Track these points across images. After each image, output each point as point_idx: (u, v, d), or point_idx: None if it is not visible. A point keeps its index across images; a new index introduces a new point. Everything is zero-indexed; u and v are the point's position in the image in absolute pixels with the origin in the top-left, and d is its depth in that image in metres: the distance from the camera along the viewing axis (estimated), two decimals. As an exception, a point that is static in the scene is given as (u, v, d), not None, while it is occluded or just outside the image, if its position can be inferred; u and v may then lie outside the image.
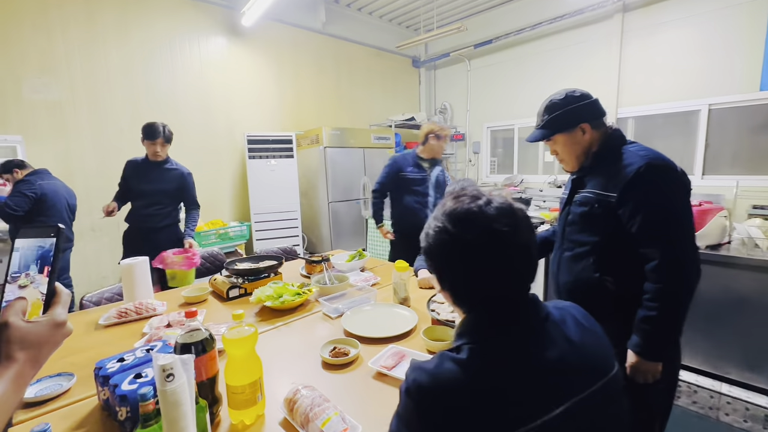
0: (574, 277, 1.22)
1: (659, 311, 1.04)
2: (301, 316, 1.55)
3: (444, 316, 1.26)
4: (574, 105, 1.22)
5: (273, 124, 4.59)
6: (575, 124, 1.22)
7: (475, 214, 0.62)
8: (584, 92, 1.25)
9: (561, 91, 1.28)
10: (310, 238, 4.78)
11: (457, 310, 0.70)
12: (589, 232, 1.19)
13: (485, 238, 0.61)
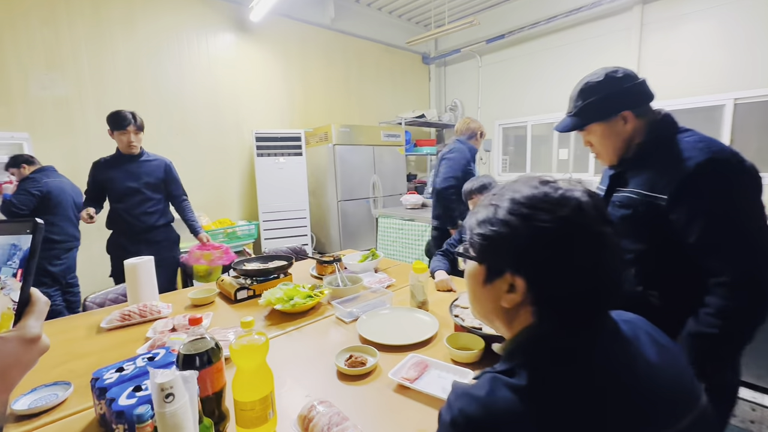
0: None
1: (723, 330, 0.87)
2: (313, 320, 1.46)
3: (469, 323, 1.15)
4: (615, 88, 1.02)
5: (281, 121, 4.52)
6: (615, 111, 1.03)
7: (555, 199, 0.52)
8: (628, 72, 1.04)
9: (599, 70, 1.06)
10: (318, 237, 4.70)
11: (511, 325, 0.58)
12: (631, 239, 1.02)
13: (570, 227, 0.50)
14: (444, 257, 2.00)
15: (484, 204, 0.59)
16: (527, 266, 0.52)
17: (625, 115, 1.04)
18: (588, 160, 4.94)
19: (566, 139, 5.14)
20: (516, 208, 0.53)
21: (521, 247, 0.52)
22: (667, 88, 4.15)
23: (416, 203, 3.78)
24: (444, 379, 1.02)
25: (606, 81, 1.03)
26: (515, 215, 0.52)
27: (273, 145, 3.98)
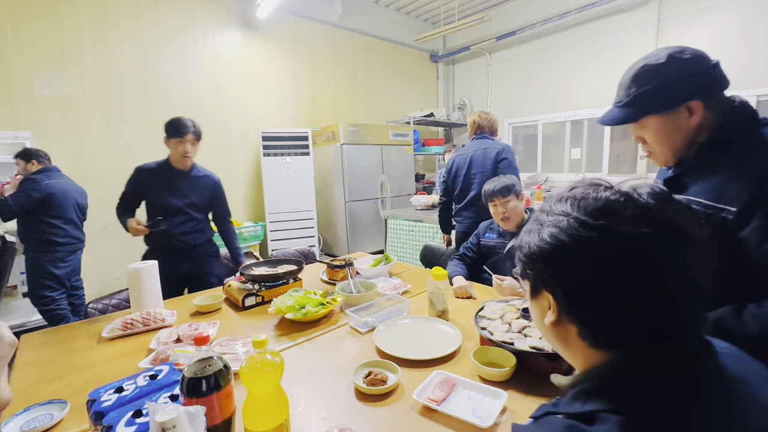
0: None
1: None
2: (326, 330, 1.37)
3: (499, 336, 1.06)
4: (681, 72, 0.82)
5: (288, 120, 4.45)
6: (679, 101, 0.83)
7: (630, 202, 0.43)
8: (697, 52, 0.84)
9: (660, 50, 0.86)
10: (325, 238, 4.62)
11: (570, 349, 0.49)
12: None
13: (653, 237, 0.41)
14: (461, 262, 1.91)
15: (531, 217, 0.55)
16: (552, 283, 0.48)
17: (691, 105, 0.84)
18: (602, 159, 4.81)
19: (579, 138, 5.02)
20: (541, 216, 0.50)
21: (547, 261, 0.47)
22: (685, 85, 4.01)
23: (426, 204, 3.68)
24: (474, 401, 0.92)
25: (669, 63, 0.83)
26: (538, 224, 0.49)
27: (280, 145, 3.91)
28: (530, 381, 0.99)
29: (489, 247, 1.84)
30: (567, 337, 0.49)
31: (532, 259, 0.49)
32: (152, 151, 2.52)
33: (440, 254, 2.50)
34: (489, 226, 1.90)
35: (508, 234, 1.78)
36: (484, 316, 1.19)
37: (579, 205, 0.46)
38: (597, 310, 0.44)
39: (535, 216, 0.52)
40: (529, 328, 1.07)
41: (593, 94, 4.72)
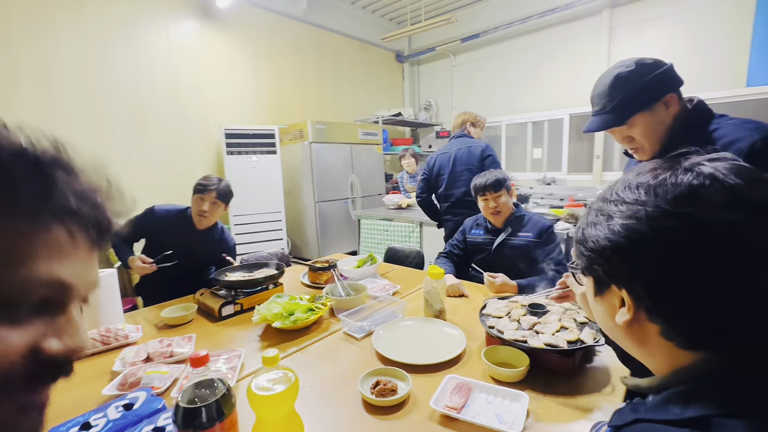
0: None
1: None
2: (318, 337, 1.26)
3: (510, 335, 1.01)
4: (652, 73, 0.96)
5: (252, 117, 4.21)
6: (658, 96, 0.96)
7: (716, 185, 0.39)
8: (655, 58, 0.99)
9: (625, 61, 1.00)
10: (294, 241, 4.43)
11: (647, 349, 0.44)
12: None
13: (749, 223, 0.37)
14: (448, 260, 1.87)
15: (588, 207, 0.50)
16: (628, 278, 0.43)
17: (667, 99, 0.97)
18: (561, 159, 5.04)
19: (540, 138, 5.23)
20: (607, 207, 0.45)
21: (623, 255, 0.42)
22: (635, 89, 4.30)
23: (399, 203, 3.64)
24: (494, 405, 0.87)
25: (638, 68, 0.97)
26: (605, 215, 0.44)
27: (244, 143, 3.67)
28: (545, 380, 0.96)
29: (476, 244, 1.82)
30: (644, 337, 0.44)
31: (602, 253, 0.44)
32: (97, 146, 2.25)
33: (405, 256, 2.44)
34: (475, 222, 1.88)
35: (496, 230, 1.76)
36: (489, 314, 1.14)
37: (656, 192, 0.41)
38: (688, 309, 0.39)
39: (596, 207, 0.47)
40: (540, 324, 1.04)
41: (552, 96, 4.94)
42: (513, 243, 1.69)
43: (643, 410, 0.42)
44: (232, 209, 3.66)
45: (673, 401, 0.39)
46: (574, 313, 1.09)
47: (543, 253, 1.63)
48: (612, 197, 0.45)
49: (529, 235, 1.67)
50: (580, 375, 0.98)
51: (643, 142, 1.00)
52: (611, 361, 1.05)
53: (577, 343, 0.96)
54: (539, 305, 1.14)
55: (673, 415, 0.38)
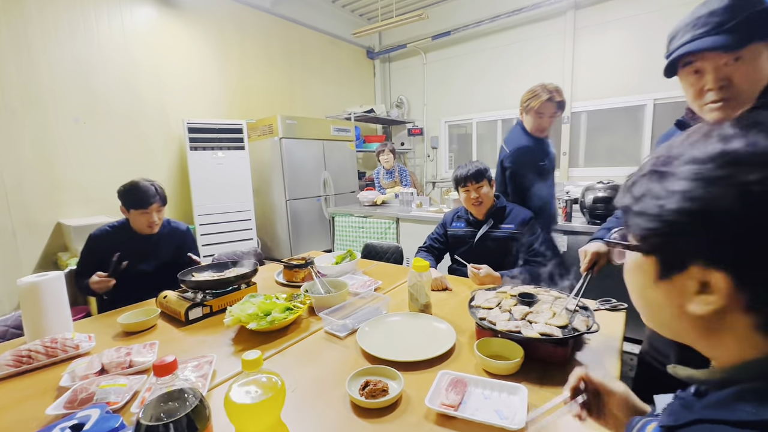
0: None
1: None
2: (298, 338, 1.17)
3: (503, 326, 0.97)
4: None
5: (217, 111, 3.99)
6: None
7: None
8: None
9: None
10: (264, 241, 4.25)
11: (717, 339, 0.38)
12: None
13: None
14: (428, 253, 1.83)
15: (641, 172, 0.41)
16: (729, 254, 0.34)
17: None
18: (530, 155, 5.17)
19: (510, 136, 5.34)
20: (702, 169, 0.35)
21: (715, 227, 0.34)
22: (597, 89, 4.49)
23: (373, 200, 3.57)
24: (491, 400, 0.82)
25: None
26: (702, 180, 0.34)
27: (209, 138, 3.47)
28: (540, 371, 0.93)
29: (458, 237, 1.79)
30: (720, 327, 0.37)
31: (676, 225, 0.36)
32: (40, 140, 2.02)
33: (383, 252, 2.39)
34: (456, 215, 1.85)
35: (478, 222, 1.74)
36: (479, 305, 1.10)
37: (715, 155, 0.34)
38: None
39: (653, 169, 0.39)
40: (532, 314, 1.01)
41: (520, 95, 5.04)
42: (495, 235, 1.68)
43: (700, 408, 0.36)
44: (197, 208, 3.45)
45: (745, 399, 0.34)
46: (565, 301, 1.07)
47: (526, 245, 1.62)
48: (677, 152, 0.37)
49: (511, 227, 1.66)
50: (573, 364, 0.96)
51: (744, 87, 0.73)
52: (601, 347, 1.04)
53: (569, 330, 0.94)
54: (529, 294, 1.11)
55: (746, 415, 0.32)
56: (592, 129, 4.71)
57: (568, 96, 4.78)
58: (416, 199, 3.33)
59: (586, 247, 1.18)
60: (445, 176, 5.94)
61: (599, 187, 2.17)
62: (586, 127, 4.75)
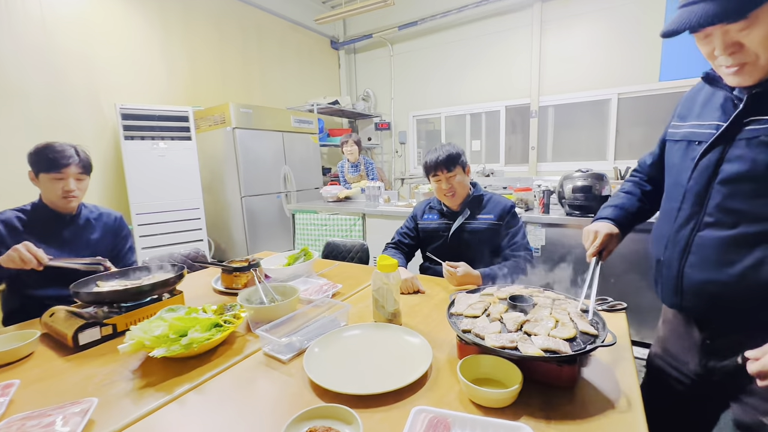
0: (735, 275, 0.70)
1: None
2: (227, 364, 0.88)
3: (494, 341, 0.74)
4: None
5: (160, 95, 3.55)
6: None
7: None
8: None
9: None
10: (218, 243, 3.85)
11: None
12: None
13: None
14: (397, 251, 1.59)
15: None
16: None
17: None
18: (499, 151, 5.09)
19: (478, 131, 5.23)
20: None
21: None
22: (564, 83, 4.46)
23: (338, 195, 3.30)
24: (485, 450, 0.59)
25: None
26: None
27: (148, 126, 3.05)
28: (542, 398, 0.71)
29: (430, 231, 1.56)
30: None
31: None
32: None
33: (347, 251, 2.14)
34: (428, 206, 1.62)
35: (452, 213, 1.52)
36: (461, 313, 0.87)
37: None
38: None
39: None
40: (530, 323, 0.79)
41: (488, 89, 4.96)
42: (472, 227, 1.46)
43: None
44: (134, 207, 3.02)
45: None
46: (565, 303, 0.87)
47: (506, 237, 1.42)
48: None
49: (490, 217, 1.45)
50: (581, 386, 0.75)
51: (762, 51, 0.64)
52: (609, 357, 0.83)
53: (577, 342, 0.73)
54: (521, 297, 0.89)
55: None
56: (560, 123, 4.68)
57: (537, 90, 4.76)
58: (384, 194, 3.09)
59: (595, 227, 0.98)
60: (414, 172, 5.76)
61: (578, 176, 2.02)
62: (553, 122, 4.72)
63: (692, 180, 0.77)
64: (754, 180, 0.68)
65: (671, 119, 0.91)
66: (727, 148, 0.72)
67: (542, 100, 4.66)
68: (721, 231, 0.72)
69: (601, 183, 1.97)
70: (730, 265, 0.70)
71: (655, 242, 0.87)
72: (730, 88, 0.74)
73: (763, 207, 0.67)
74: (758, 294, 0.68)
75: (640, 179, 1.07)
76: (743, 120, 0.70)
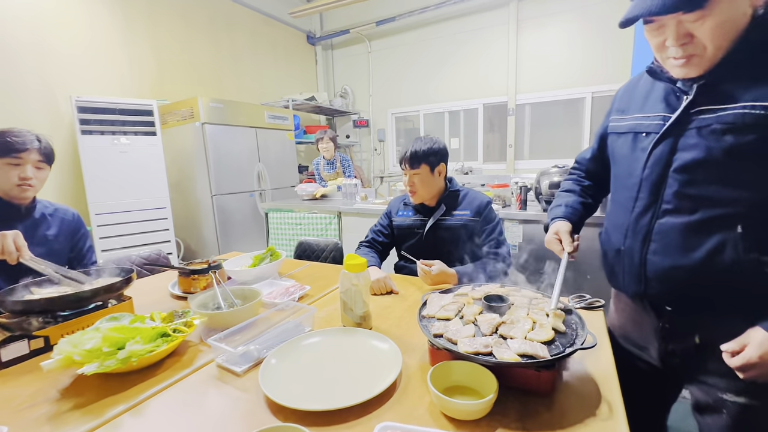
0: (698, 259, 0.69)
1: None
2: (170, 380, 0.79)
3: (468, 346, 0.68)
4: None
5: (121, 89, 3.35)
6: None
7: None
8: None
9: None
10: (187, 244, 3.68)
11: None
12: (738, 182, 0.66)
13: None
14: (371, 249, 1.52)
15: None
16: None
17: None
18: (477, 149, 5.10)
19: (456, 128, 5.23)
20: None
21: None
22: (541, 81, 4.50)
23: (313, 193, 3.20)
24: (456, 471, 0.52)
25: None
26: None
27: (108, 120, 2.85)
28: (519, 407, 0.65)
29: (405, 228, 1.49)
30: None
31: None
32: None
33: (320, 250, 2.06)
34: (402, 202, 1.55)
35: (428, 209, 1.46)
36: (433, 315, 0.80)
37: None
38: None
39: None
40: (506, 325, 0.73)
41: (466, 86, 4.96)
42: (448, 223, 1.41)
43: None
44: (93, 206, 2.83)
45: None
46: (543, 302, 0.81)
47: (483, 234, 1.37)
48: None
49: (467, 213, 1.40)
50: (560, 391, 0.70)
51: (709, 43, 0.65)
52: (589, 358, 0.79)
53: (556, 345, 0.67)
54: (497, 297, 0.83)
55: None
56: (536, 122, 4.72)
57: (513, 88, 4.78)
58: (361, 192, 3.01)
59: (554, 230, 0.97)
60: (394, 170, 5.70)
61: (554, 172, 2.01)
62: (530, 120, 4.76)
63: (647, 169, 0.78)
64: (709, 166, 0.69)
65: (609, 114, 0.95)
66: (679, 138, 0.73)
67: (519, 99, 4.69)
68: (681, 217, 0.72)
69: (577, 179, 1.96)
70: (693, 250, 0.71)
71: (613, 232, 0.87)
72: (673, 80, 0.75)
73: (720, 192, 0.68)
74: (721, 277, 0.69)
75: (578, 176, 1.11)
76: (690, 111, 0.72)
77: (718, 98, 0.68)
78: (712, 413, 0.76)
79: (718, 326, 0.72)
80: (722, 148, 0.67)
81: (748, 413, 0.71)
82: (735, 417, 0.72)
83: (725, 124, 0.66)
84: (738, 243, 0.66)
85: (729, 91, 0.67)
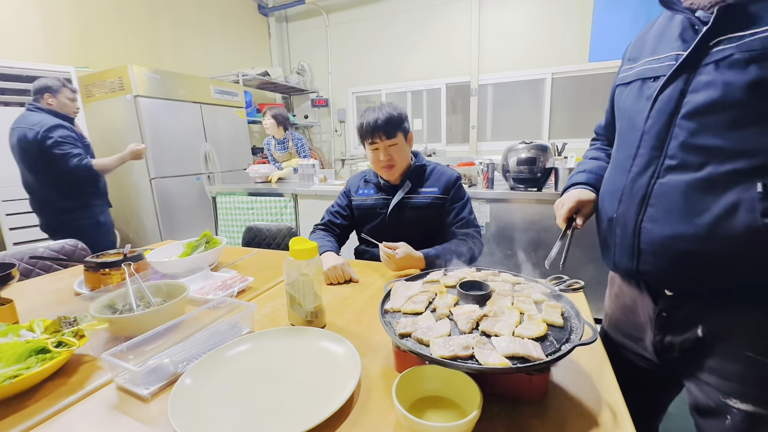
0: (704, 225, 0.57)
1: None
2: (48, 412, 0.58)
3: (442, 348, 0.53)
4: None
5: (31, 52, 2.84)
6: None
7: None
8: None
9: None
10: (125, 233, 3.28)
11: None
12: (760, 127, 0.54)
13: None
14: (327, 233, 1.34)
15: None
16: None
17: None
18: (441, 130, 5.00)
19: (420, 109, 5.08)
20: None
21: None
22: (503, 61, 4.44)
23: (267, 176, 2.93)
24: None
25: None
26: None
27: (14, 88, 2.40)
28: (506, 419, 0.52)
29: (366, 208, 1.32)
30: None
31: None
32: None
33: (272, 236, 1.86)
34: (363, 179, 1.38)
35: (391, 187, 1.30)
36: (398, 309, 0.65)
37: None
38: None
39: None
40: (488, 318, 0.59)
41: (428, 66, 4.80)
42: (414, 202, 1.25)
43: None
44: (1, 189, 2.39)
45: None
46: (527, 287, 0.69)
47: (452, 213, 1.23)
48: None
49: (434, 191, 1.25)
50: (553, 395, 0.58)
51: None
52: (583, 359, 0.68)
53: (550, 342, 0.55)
54: (475, 283, 0.70)
55: None
56: (499, 102, 4.68)
57: (476, 67, 4.69)
58: (319, 173, 2.80)
59: (563, 198, 0.85)
60: (356, 152, 5.48)
61: (522, 148, 1.92)
62: (492, 101, 4.71)
63: (650, 119, 0.65)
64: (725, 108, 0.56)
65: (621, 66, 0.80)
66: (691, 77, 0.60)
67: (482, 78, 4.61)
68: (686, 174, 0.60)
69: (545, 155, 1.89)
70: (698, 215, 0.58)
71: (608, 198, 0.74)
72: (692, 9, 0.61)
73: (740, 140, 0.55)
74: (731, 247, 0.56)
75: (601, 144, 0.98)
76: (709, 43, 0.58)
77: (744, 22, 0.55)
78: (713, 417, 0.64)
79: (725, 315, 0.61)
80: (744, 83, 0.54)
81: (756, 425, 0.59)
82: (740, 426, 0.61)
83: (750, 52, 0.53)
84: (755, 204, 0.53)
85: (758, 12, 0.54)
